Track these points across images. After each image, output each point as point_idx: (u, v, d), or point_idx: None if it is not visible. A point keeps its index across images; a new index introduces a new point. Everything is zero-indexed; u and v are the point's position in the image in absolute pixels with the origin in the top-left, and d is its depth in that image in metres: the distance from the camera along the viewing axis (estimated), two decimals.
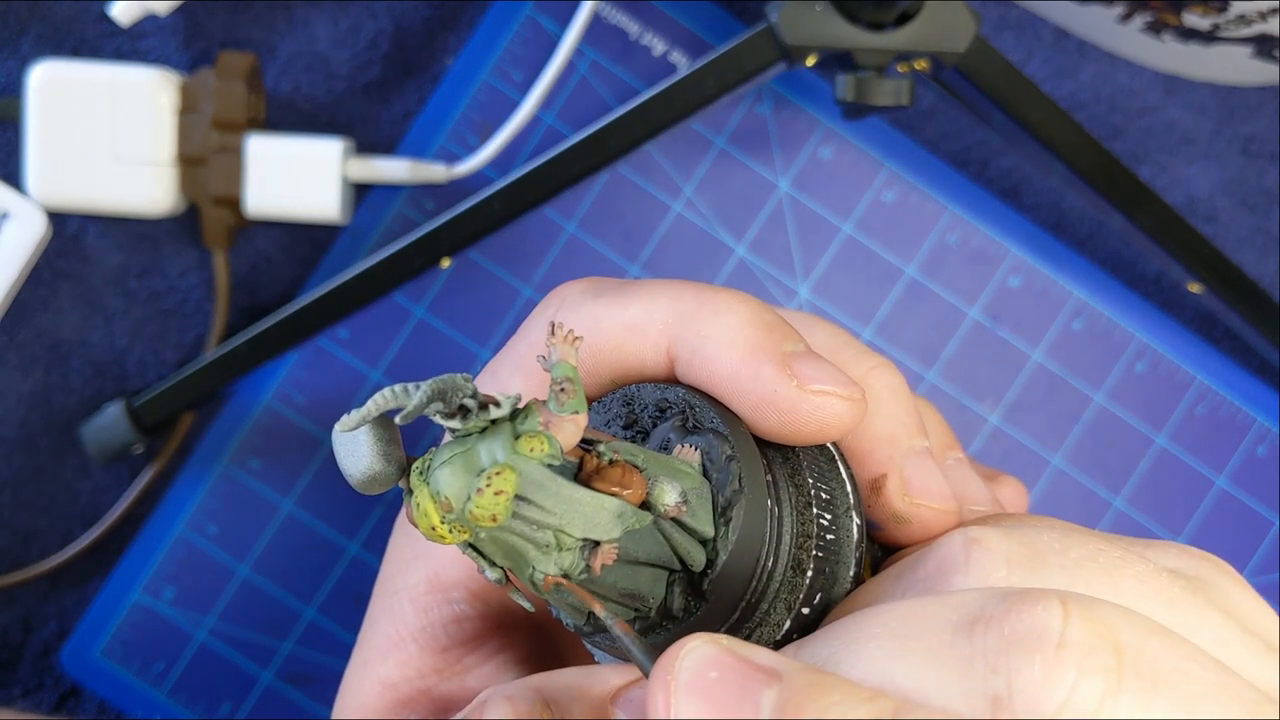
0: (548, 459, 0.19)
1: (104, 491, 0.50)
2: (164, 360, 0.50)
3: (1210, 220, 0.52)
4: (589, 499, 0.19)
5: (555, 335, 0.20)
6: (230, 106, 0.47)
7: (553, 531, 0.19)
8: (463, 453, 0.19)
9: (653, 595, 0.21)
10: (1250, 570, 0.52)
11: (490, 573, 0.20)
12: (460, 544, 0.19)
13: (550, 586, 0.19)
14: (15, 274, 0.48)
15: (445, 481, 0.18)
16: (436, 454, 0.19)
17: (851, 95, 0.43)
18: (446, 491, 0.18)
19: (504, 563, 0.20)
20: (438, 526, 0.19)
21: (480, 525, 0.18)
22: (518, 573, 0.20)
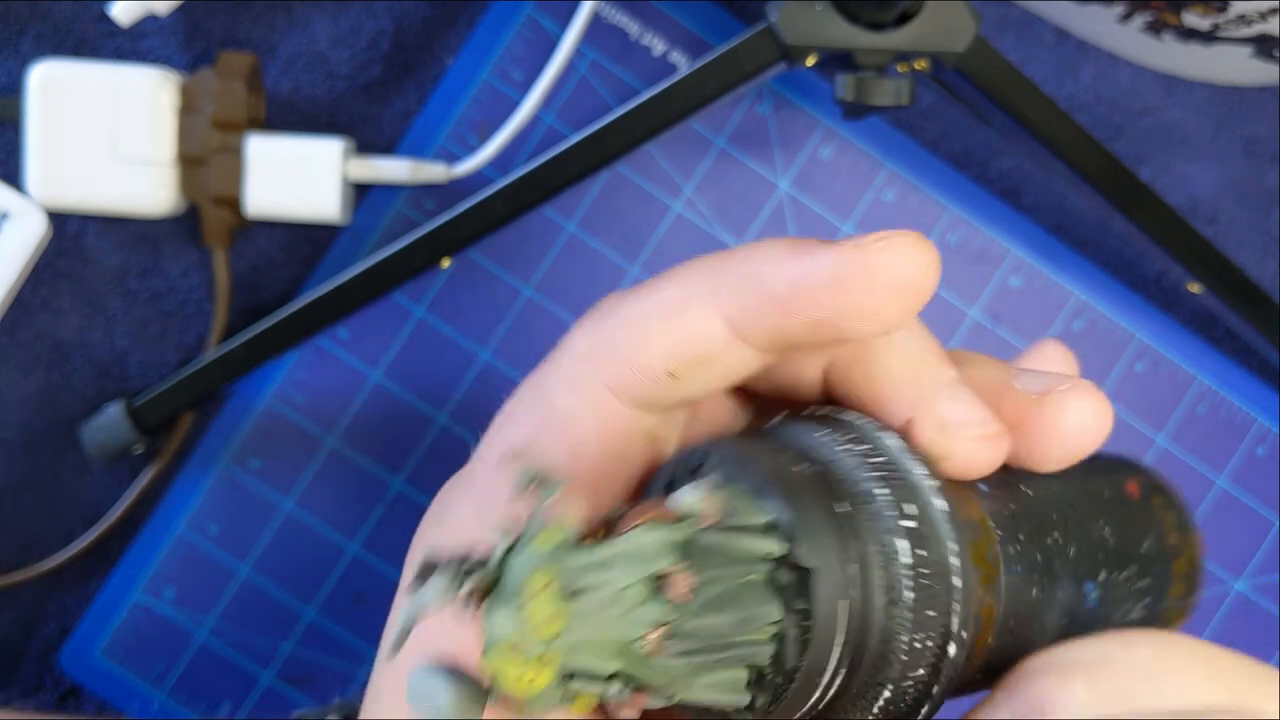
0: (563, 547, 0.17)
1: (104, 491, 0.50)
2: (164, 360, 0.50)
3: (1211, 221, 0.52)
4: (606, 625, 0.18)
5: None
6: (230, 106, 0.47)
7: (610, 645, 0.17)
8: (517, 613, 0.17)
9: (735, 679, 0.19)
10: (1251, 570, 0.52)
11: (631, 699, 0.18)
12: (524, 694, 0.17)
13: (612, 701, 0.18)
14: (15, 274, 0.48)
15: (499, 654, 0.17)
16: (491, 630, 0.17)
17: (852, 95, 0.43)
18: (498, 634, 0.17)
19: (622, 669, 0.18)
20: (521, 681, 0.17)
21: (561, 681, 0.17)
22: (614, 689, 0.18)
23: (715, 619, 0.18)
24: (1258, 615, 0.52)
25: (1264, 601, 0.52)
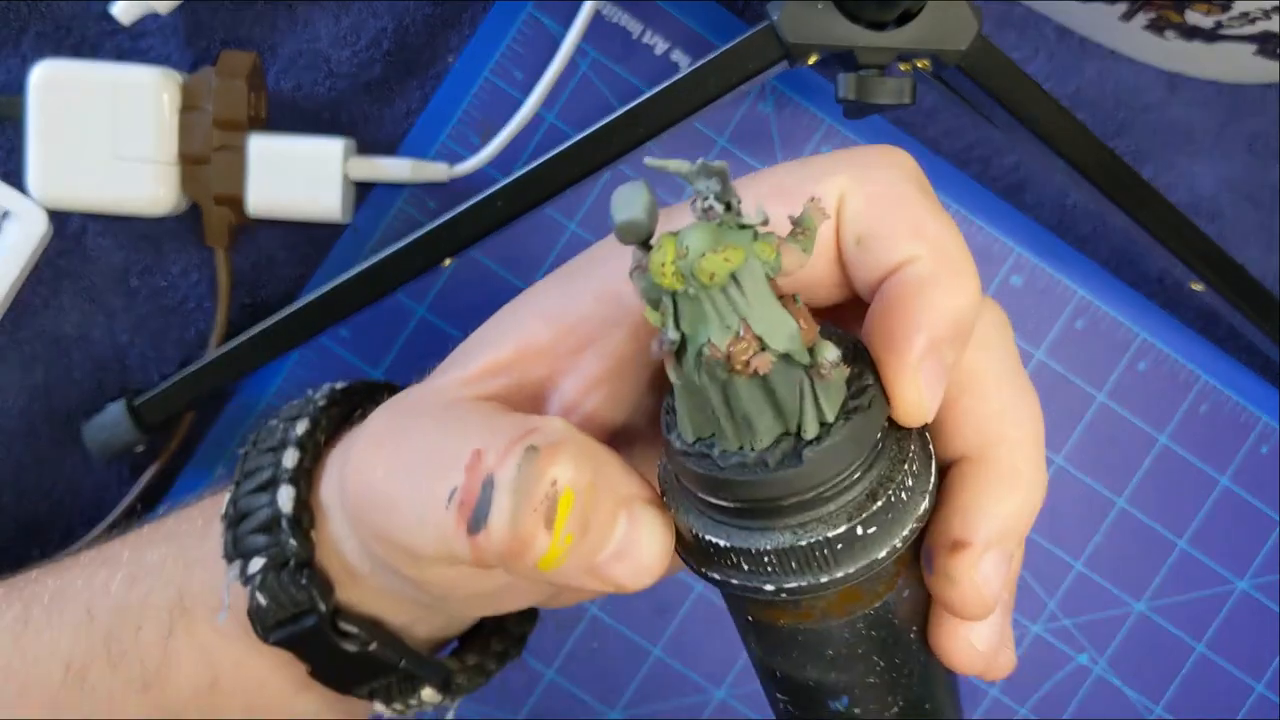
0: (768, 266, 0.23)
1: (106, 490, 0.50)
2: (166, 359, 0.50)
3: (1213, 218, 0.52)
4: (777, 310, 0.23)
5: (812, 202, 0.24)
6: (232, 105, 0.47)
7: (738, 319, 0.23)
8: (713, 230, 0.22)
9: (760, 434, 0.24)
10: (1254, 570, 0.52)
11: (671, 333, 0.23)
12: (670, 291, 0.23)
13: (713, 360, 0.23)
14: (17, 273, 0.48)
15: (692, 238, 0.22)
16: (683, 231, 0.23)
17: (853, 94, 0.43)
18: (689, 243, 0.22)
19: (686, 329, 0.23)
20: (666, 264, 0.22)
21: (698, 278, 0.22)
22: (691, 343, 0.23)
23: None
24: (1260, 614, 0.51)
25: (1267, 601, 0.51)
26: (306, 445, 0.32)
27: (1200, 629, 0.52)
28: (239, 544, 0.32)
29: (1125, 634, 0.52)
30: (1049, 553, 0.51)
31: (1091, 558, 0.51)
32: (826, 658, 0.27)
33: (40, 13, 0.49)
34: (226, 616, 0.32)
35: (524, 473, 0.24)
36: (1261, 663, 0.52)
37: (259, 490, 0.32)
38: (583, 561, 0.25)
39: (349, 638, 0.32)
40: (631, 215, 0.23)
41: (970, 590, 0.26)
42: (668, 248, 0.22)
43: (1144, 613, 0.52)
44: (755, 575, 0.24)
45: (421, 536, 0.26)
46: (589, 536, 0.25)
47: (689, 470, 0.24)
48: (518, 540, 0.24)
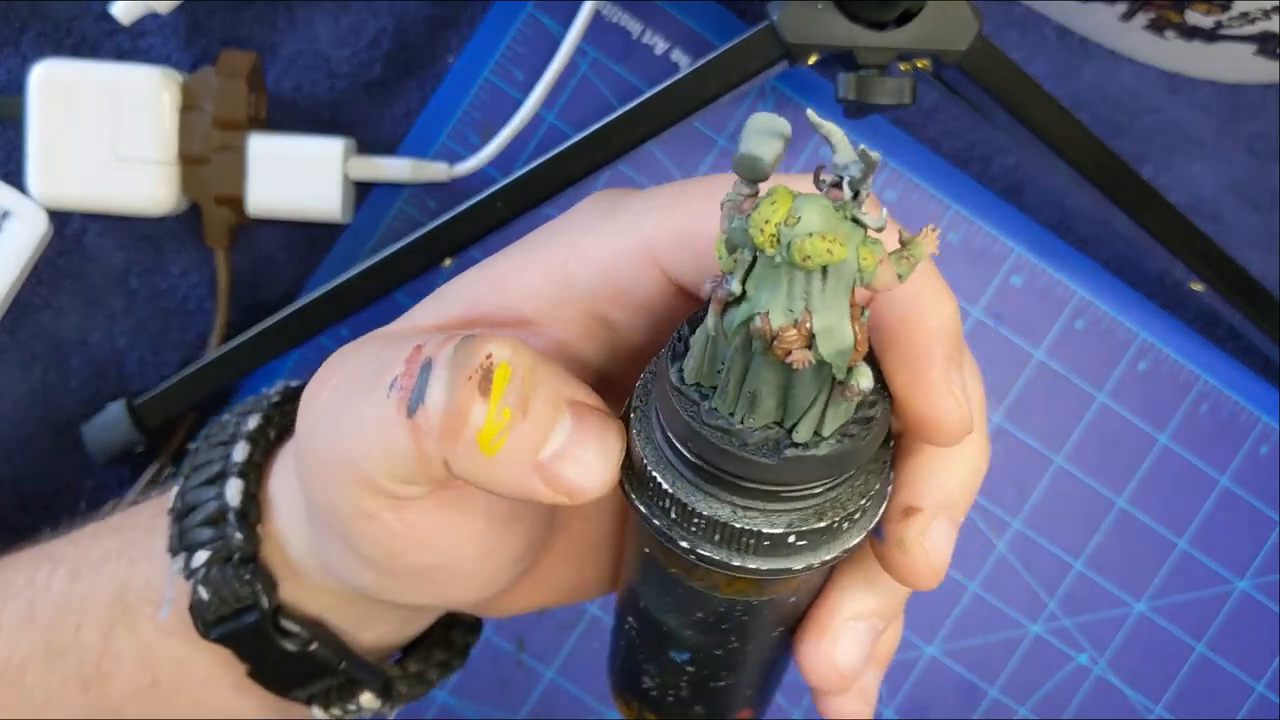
0: (862, 274, 0.22)
1: (105, 490, 0.50)
2: (165, 360, 0.50)
3: (1213, 219, 0.52)
4: (844, 318, 0.22)
5: (929, 231, 0.23)
6: (232, 105, 0.47)
7: (804, 308, 0.22)
8: (830, 211, 0.21)
9: (756, 415, 0.23)
10: (1254, 570, 0.52)
11: (735, 284, 0.22)
12: (758, 249, 0.22)
13: (760, 331, 0.22)
14: (16, 273, 0.48)
15: (808, 210, 0.21)
16: (804, 198, 0.22)
17: (853, 94, 0.43)
18: (803, 214, 0.21)
19: (749, 288, 0.22)
20: (770, 222, 0.21)
21: (793, 253, 0.21)
22: (747, 303, 0.22)
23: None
24: (1260, 614, 0.51)
25: (1267, 601, 0.51)
26: (257, 439, 0.32)
27: (1200, 629, 0.52)
28: (184, 537, 0.32)
29: (1125, 634, 0.52)
30: (1049, 553, 0.51)
31: (1091, 558, 0.51)
32: (694, 617, 0.27)
33: (40, 13, 0.49)
34: (169, 612, 0.32)
35: (460, 350, 0.24)
36: (1261, 663, 0.52)
37: (207, 484, 0.32)
38: (525, 449, 0.24)
39: (290, 636, 0.32)
40: (759, 152, 0.22)
41: (920, 555, 0.26)
42: (782, 207, 0.21)
43: (1144, 613, 0.52)
44: (678, 527, 0.24)
45: (364, 441, 0.25)
46: (528, 421, 0.24)
47: (671, 406, 0.24)
48: (454, 412, 0.24)
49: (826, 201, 0.21)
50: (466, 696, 0.51)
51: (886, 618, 0.29)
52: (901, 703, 0.51)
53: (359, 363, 0.27)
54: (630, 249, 0.27)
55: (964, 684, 0.52)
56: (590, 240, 0.27)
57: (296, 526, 0.31)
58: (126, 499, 0.49)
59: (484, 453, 0.24)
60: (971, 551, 0.51)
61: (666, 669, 0.29)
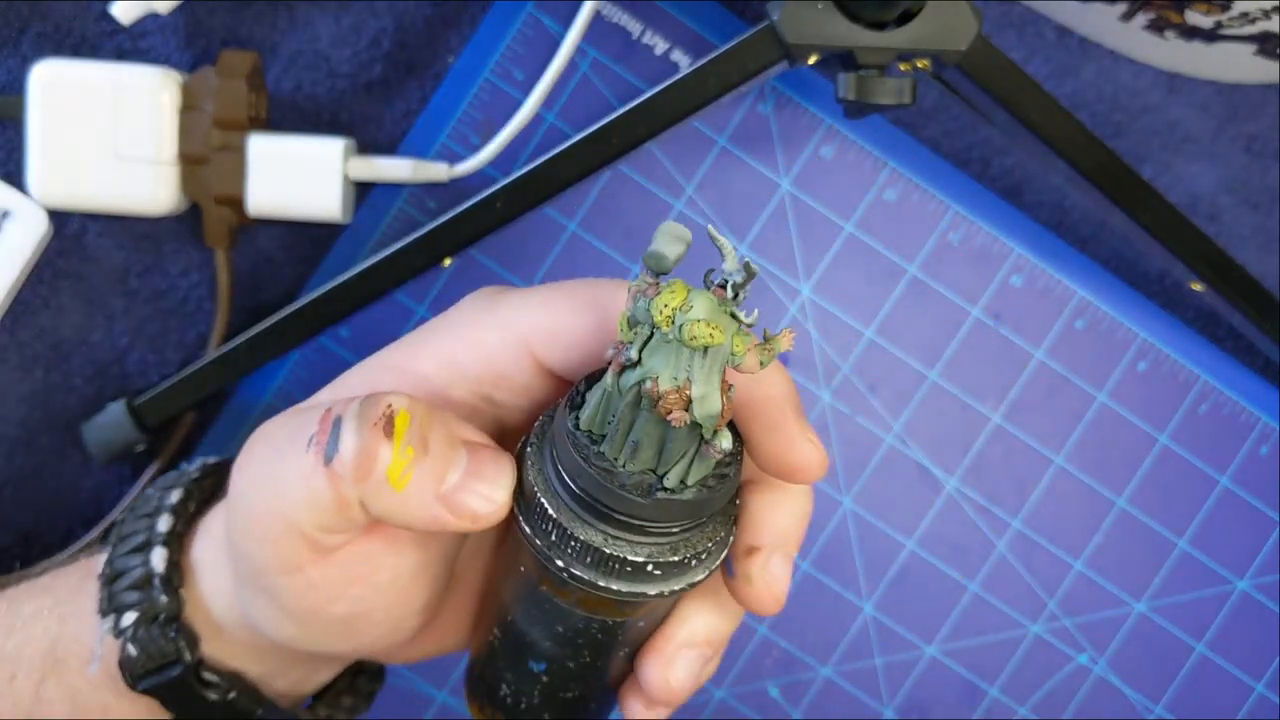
0: (733, 357, 0.27)
1: (105, 490, 0.50)
2: (165, 359, 0.50)
3: (1213, 219, 0.52)
4: (715, 389, 0.27)
5: (787, 331, 0.28)
6: (232, 105, 0.47)
7: (685, 377, 0.27)
8: (715, 304, 0.27)
9: (636, 460, 0.28)
10: (1254, 570, 0.52)
11: (634, 352, 0.27)
12: (655, 326, 0.27)
13: (648, 392, 0.27)
14: (17, 273, 0.48)
15: (699, 301, 0.27)
16: (696, 292, 0.27)
17: (853, 94, 0.43)
18: (695, 303, 0.27)
19: (644, 357, 0.27)
20: (669, 307, 0.26)
21: (683, 334, 0.26)
22: (640, 368, 0.27)
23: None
24: (1260, 614, 0.51)
25: (1267, 601, 0.51)
26: (179, 511, 0.36)
27: (1200, 629, 0.52)
28: (113, 600, 0.35)
29: (1125, 634, 0.52)
30: (1049, 553, 0.51)
31: (1091, 558, 0.51)
32: (554, 631, 0.32)
33: (40, 13, 0.49)
34: (98, 668, 0.35)
35: (365, 404, 0.29)
36: (1261, 663, 0.52)
37: (134, 551, 0.35)
38: (429, 483, 0.29)
39: (211, 687, 0.35)
40: (666, 251, 0.28)
41: (763, 586, 0.31)
42: (678, 296, 0.27)
43: (1144, 613, 0.52)
44: (557, 548, 0.29)
45: (289, 493, 0.29)
46: (430, 457, 0.29)
47: (566, 446, 0.28)
48: (363, 455, 0.28)
49: (713, 297, 0.27)
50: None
51: (716, 648, 0.33)
52: (901, 703, 0.51)
53: (280, 433, 0.31)
54: (510, 341, 0.32)
55: (964, 684, 0.52)
56: (475, 334, 0.32)
57: (219, 590, 0.35)
58: (124, 502, 0.49)
59: (394, 489, 0.28)
60: (971, 551, 0.51)
61: (523, 677, 0.33)
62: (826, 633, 0.51)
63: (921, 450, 0.51)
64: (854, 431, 0.51)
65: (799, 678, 0.51)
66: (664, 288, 0.27)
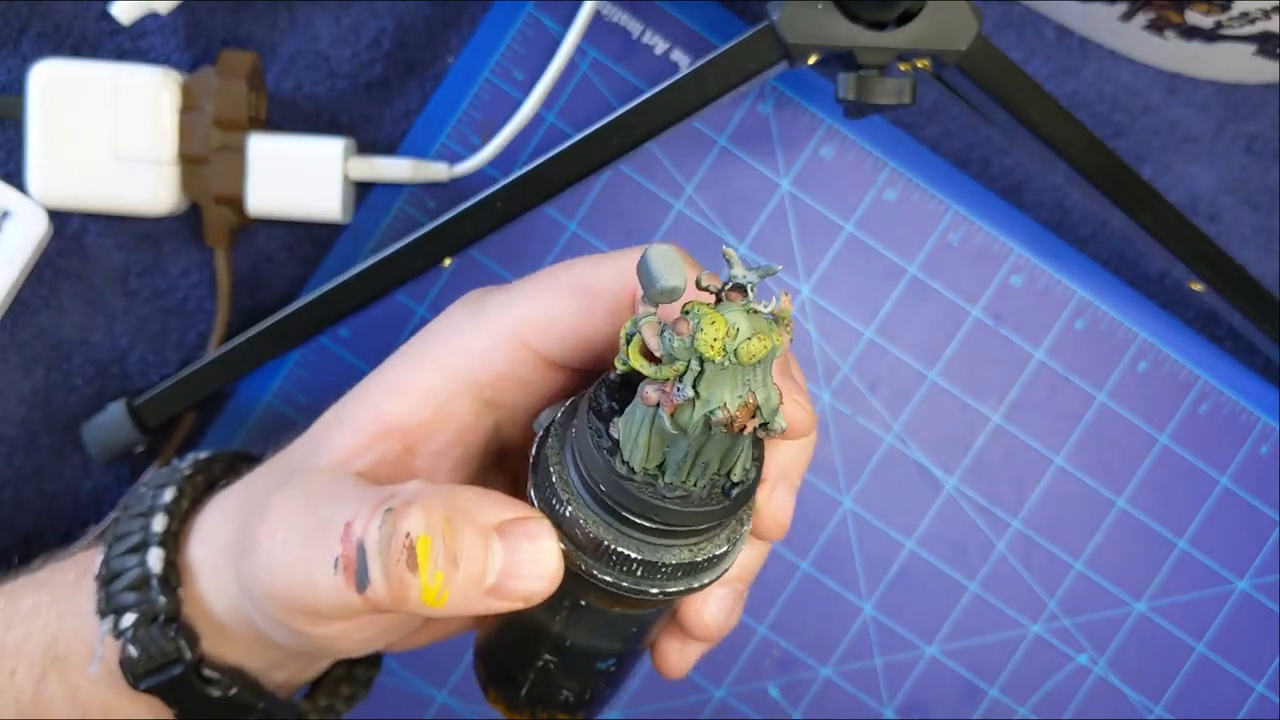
0: (777, 350, 0.27)
1: (105, 491, 0.50)
2: (165, 359, 0.50)
3: (1213, 219, 0.52)
4: (773, 385, 0.28)
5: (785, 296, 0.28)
6: (232, 105, 0.47)
7: (750, 392, 0.27)
8: (747, 314, 0.27)
9: (707, 475, 0.29)
10: (1254, 570, 0.52)
11: (689, 390, 0.27)
12: (708, 360, 0.26)
13: (722, 421, 0.27)
14: (17, 273, 0.48)
15: (740, 320, 0.26)
16: (721, 307, 0.27)
17: (853, 94, 0.43)
18: (737, 325, 0.26)
19: (701, 390, 0.27)
20: (718, 340, 0.26)
21: (741, 358, 0.26)
22: (701, 403, 0.27)
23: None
24: (1260, 614, 0.51)
25: (1267, 601, 0.51)
26: (174, 511, 0.36)
27: (1200, 629, 0.52)
28: (111, 600, 0.35)
29: (1125, 634, 0.52)
30: (1049, 553, 0.51)
31: (1091, 558, 0.51)
32: (629, 633, 0.33)
33: (40, 13, 0.49)
34: (99, 667, 0.36)
35: (383, 533, 0.28)
36: (1261, 663, 0.52)
37: (130, 552, 0.36)
38: (468, 588, 0.29)
39: (213, 683, 0.36)
40: (676, 283, 0.27)
41: (769, 515, 0.33)
42: (720, 324, 0.26)
43: (1144, 613, 0.52)
44: (646, 579, 0.29)
45: (324, 600, 0.30)
46: (462, 567, 0.28)
47: (628, 492, 0.28)
48: (397, 588, 0.28)
49: (739, 308, 0.27)
50: (466, 698, 0.51)
51: (746, 581, 0.35)
52: (901, 703, 0.51)
53: (302, 519, 0.31)
54: (504, 340, 0.32)
55: (964, 684, 0.52)
56: (468, 339, 0.32)
57: (220, 591, 0.35)
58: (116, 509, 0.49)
59: (434, 605, 0.28)
60: (971, 551, 0.51)
61: (588, 677, 0.34)
62: (826, 633, 0.51)
63: (921, 450, 0.51)
64: (854, 431, 0.51)
65: (799, 678, 0.51)
66: (695, 317, 0.27)
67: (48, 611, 0.37)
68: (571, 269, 0.32)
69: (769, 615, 0.51)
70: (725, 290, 0.27)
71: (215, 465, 0.39)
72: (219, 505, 0.36)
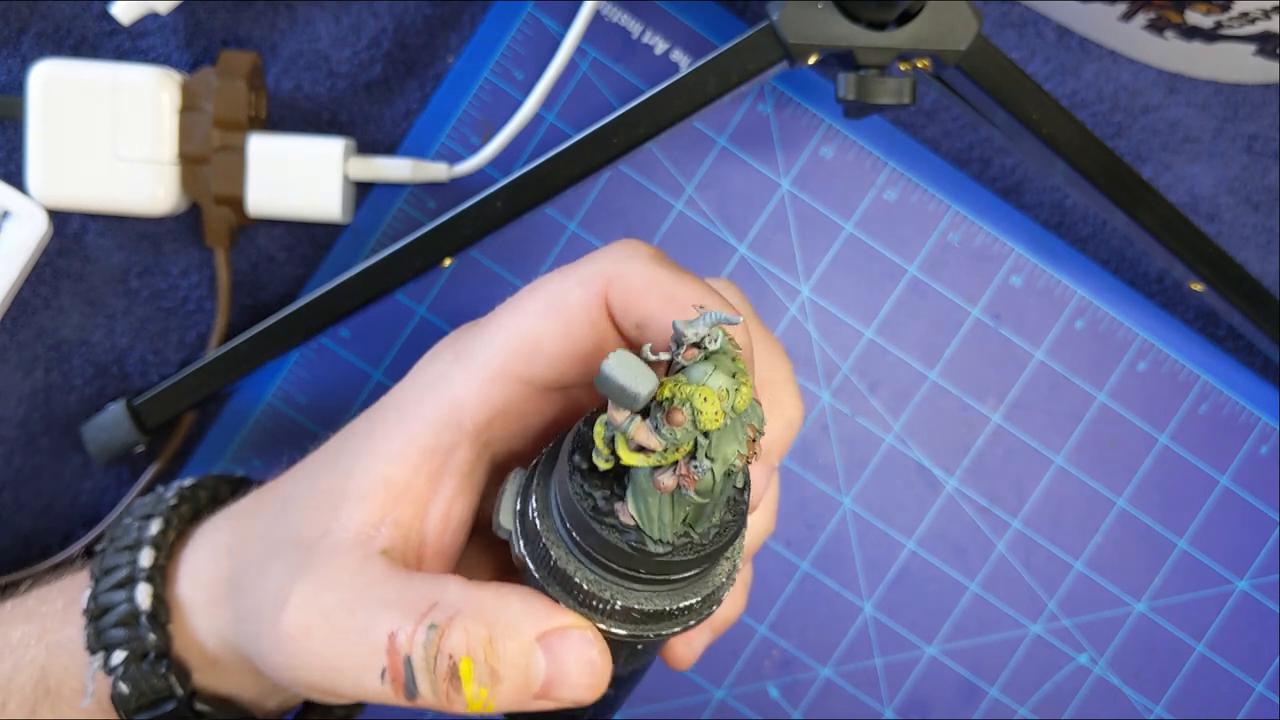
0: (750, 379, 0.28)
1: (105, 491, 0.50)
2: (165, 360, 0.50)
3: (1213, 219, 0.52)
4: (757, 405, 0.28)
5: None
6: (232, 105, 0.47)
7: (751, 428, 0.28)
8: (717, 364, 0.27)
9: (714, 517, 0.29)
10: (1254, 570, 0.52)
11: (706, 464, 0.27)
12: (711, 432, 0.27)
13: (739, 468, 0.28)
14: (17, 273, 0.48)
15: (716, 380, 0.27)
16: (692, 375, 0.27)
17: (853, 94, 0.43)
18: (721, 385, 0.26)
19: (713, 454, 0.27)
20: (719, 413, 0.26)
21: (738, 412, 0.27)
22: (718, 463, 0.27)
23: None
24: (1260, 614, 0.51)
25: (1267, 601, 0.51)
26: (160, 544, 0.36)
27: (1200, 629, 0.52)
28: (101, 637, 0.35)
29: (1125, 634, 0.52)
30: (1049, 553, 0.51)
31: (1091, 558, 0.51)
32: (656, 650, 0.34)
33: (40, 13, 0.49)
34: (90, 702, 0.36)
35: (428, 652, 0.29)
36: (1261, 663, 0.52)
37: (117, 587, 0.35)
38: (517, 698, 0.29)
39: (206, 717, 0.36)
40: (652, 385, 0.27)
41: (684, 651, 0.34)
42: (712, 399, 0.27)
43: (1144, 613, 0.52)
44: (667, 620, 0.30)
45: (370, 696, 0.30)
46: (506, 681, 0.29)
47: (665, 561, 0.28)
48: (444, 700, 0.29)
49: (709, 366, 0.27)
50: None
51: (747, 557, 0.35)
52: (901, 703, 0.51)
53: (342, 622, 0.30)
54: (492, 378, 0.32)
55: (964, 684, 0.52)
56: (458, 389, 0.32)
57: (212, 629, 0.35)
58: (122, 503, 0.49)
59: (482, 711, 0.29)
60: (971, 551, 0.51)
61: (598, 704, 0.34)
62: (826, 633, 0.51)
63: (921, 450, 0.51)
64: (854, 431, 0.51)
65: (799, 678, 0.51)
66: (683, 402, 0.27)
67: (36, 645, 0.36)
68: (538, 292, 0.32)
69: (769, 615, 0.51)
70: (682, 352, 0.27)
71: (200, 493, 0.39)
72: (207, 539, 0.36)
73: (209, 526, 0.37)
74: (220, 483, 0.40)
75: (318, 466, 0.34)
